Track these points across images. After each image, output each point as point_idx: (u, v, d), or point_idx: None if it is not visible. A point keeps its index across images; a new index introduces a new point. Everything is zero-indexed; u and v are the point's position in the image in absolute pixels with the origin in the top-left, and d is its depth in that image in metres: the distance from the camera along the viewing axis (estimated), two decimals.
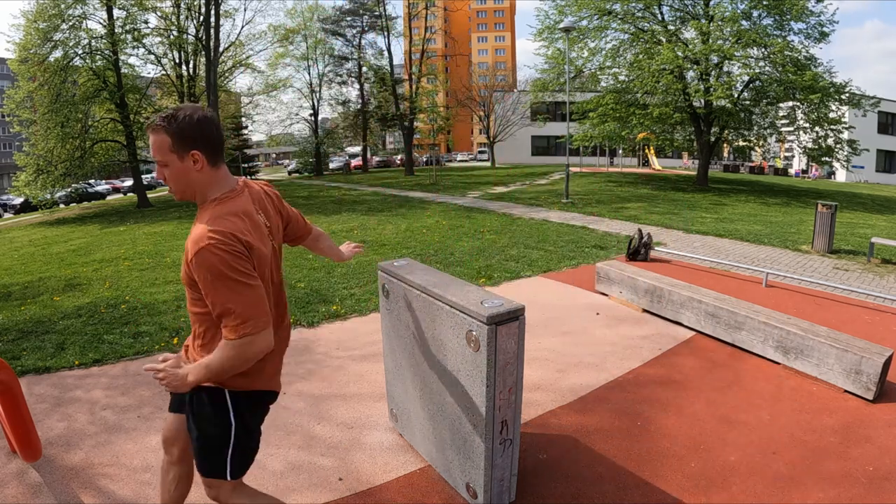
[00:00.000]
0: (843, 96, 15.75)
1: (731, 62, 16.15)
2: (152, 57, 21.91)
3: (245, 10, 39.13)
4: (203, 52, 20.53)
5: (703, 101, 16.47)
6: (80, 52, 18.98)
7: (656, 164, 31.29)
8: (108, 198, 30.95)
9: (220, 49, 21.16)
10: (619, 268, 5.11)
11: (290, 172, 40.12)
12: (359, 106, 34.11)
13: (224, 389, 1.54)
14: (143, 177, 23.02)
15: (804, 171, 36.44)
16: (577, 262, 6.64)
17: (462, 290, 2.13)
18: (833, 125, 16.32)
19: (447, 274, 2.39)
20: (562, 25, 15.60)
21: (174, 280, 6.40)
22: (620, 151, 30.25)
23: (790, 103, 17.07)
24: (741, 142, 19.36)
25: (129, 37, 19.93)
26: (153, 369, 1.46)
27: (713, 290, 4.51)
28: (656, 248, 7.25)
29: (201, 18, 20.44)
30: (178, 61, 23.08)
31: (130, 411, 3.06)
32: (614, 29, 18.01)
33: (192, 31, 21.95)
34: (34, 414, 2.79)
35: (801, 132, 17.08)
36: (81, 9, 18.49)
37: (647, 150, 31.63)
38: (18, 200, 26.23)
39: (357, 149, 39.71)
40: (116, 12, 19.34)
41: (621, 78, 18.41)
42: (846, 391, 3.16)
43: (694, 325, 4.21)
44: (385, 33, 30.43)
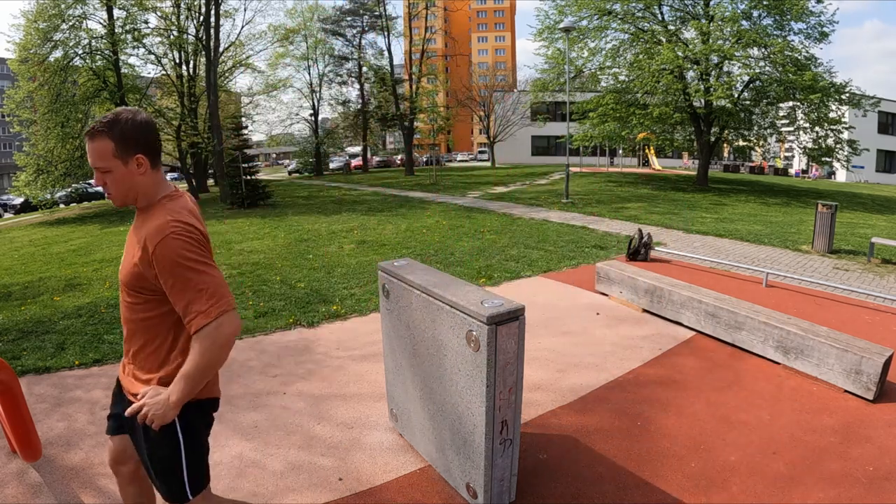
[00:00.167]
0: (843, 96, 15.74)
1: (732, 62, 16.15)
2: (152, 57, 21.91)
3: (245, 10, 39.14)
4: (203, 52, 20.51)
5: (703, 101, 16.46)
6: (80, 52, 18.99)
7: (656, 164, 31.28)
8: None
9: (220, 49, 21.13)
10: (619, 268, 5.11)
11: (290, 172, 40.09)
12: (359, 106, 34.10)
13: None
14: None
15: (804, 171, 36.43)
16: (577, 262, 6.65)
17: (462, 290, 2.13)
18: (833, 125, 16.31)
19: (447, 274, 2.40)
20: (562, 25, 15.60)
21: None
22: (620, 151, 30.26)
23: (790, 103, 17.06)
24: (741, 142, 19.35)
25: (129, 37, 19.94)
26: (134, 412, 1.40)
27: (713, 290, 4.51)
28: (656, 248, 7.25)
29: (201, 18, 20.42)
30: (178, 61, 23.08)
31: None
32: (614, 29, 18.02)
33: (192, 31, 21.93)
34: (34, 414, 2.79)
35: (801, 132, 17.07)
36: (81, 9, 18.50)
37: (647, 150, 31.62)
38: (18, 200, 26.20)
39: (357, 149, 39.70)
40: (116, 12, 19.36)
41: (621, 78, 18.41)
42: (846, 391, 3.16)
43: (694, 325, 4.21)
44: (385, 33, 30.46)
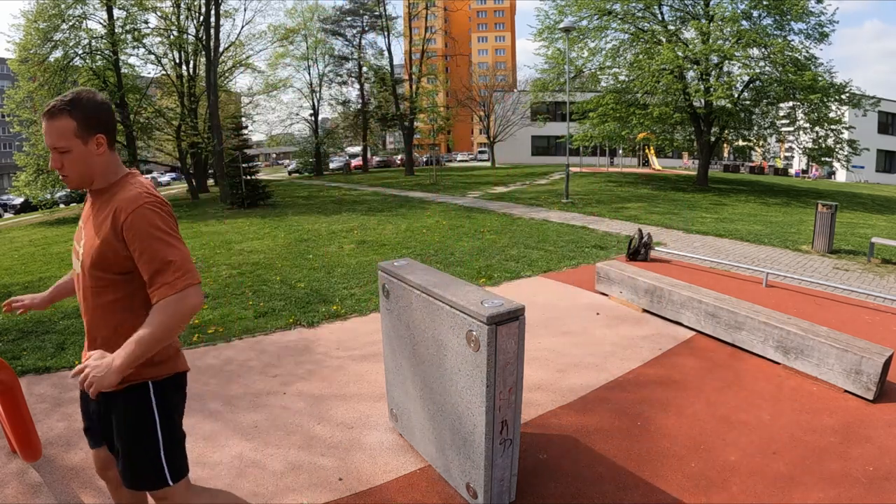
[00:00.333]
0: (843, 96, 15.74)
1: (732, 62, 16.14)
2: (152, 57, 21.91)
3: (245, 10, 39.19)
4: (203, 52, 20.51)
5: (703, 101, 16.46)
6: (80, 52, 18.99)
7: (656, 164, 31.27)
8: None
9: (220, 49, 21.14)
10: (619, 268, 5.11)
11: (290, 172, 40.09)
12: (359, 106, 34.10)
13: (147, 382, 1.49)
14: (143, 177, 22.96)
15: (804, 171, 36.43)
16: (577, 262, 6.64)
17: (462, 290, 2.13)
18: (833, 125, 16.31)
19: (447, 274, 2.39)
20: (562, 25, 15.60)
21: None
22: (620, 151, 30.24)
23: (790, 103, 17.05)
24: (741, 142, 19.35)
25: (129, 37, 19.93)
26: (76, 373, 1.29)
27: (713, 290, 4.51)
28: (656, 248, 7.25)
29: (201, 18, 20.42)
30: (178, 61, 23.07)
31: None
32: (614, 29, 18.02)
33: (192, 31, 21.93)
34: (34, 414, 2.79)
35: (801, 132, 17.07)
36: (81, 9, 18.49)
37: (647, 150, 31.61)
38: (18, 200, 26.23)
39: (357, 149, 39.68)
40: (116, 12, 19.35)
41: (621, 78, 18.40)
42: (846, 391, 3.16)
43: (694, 325, 4.21)
44: (385, 33, 30.46)
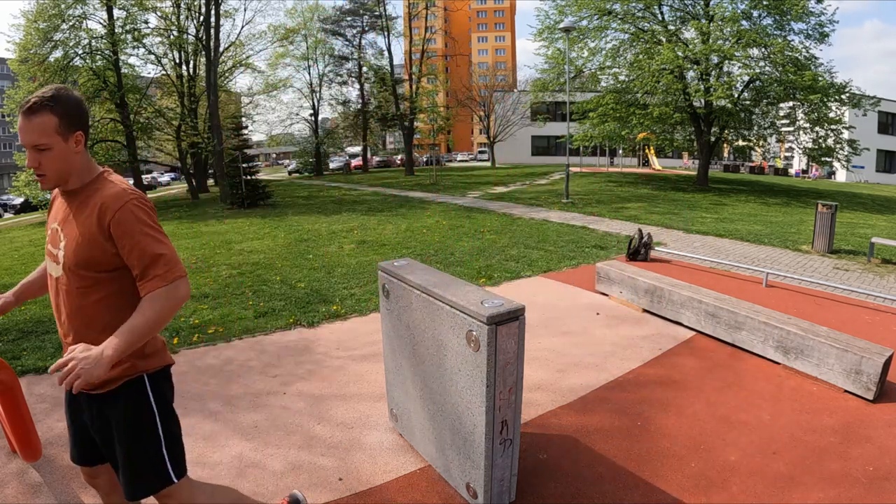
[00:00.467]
0: (843, 96, 15.74)
1: (732, 62, 16.14)
2: (152, 57, 21.92)
3: (245, 10, 39.16)
4: (203, 52, 20.51)
5: (703, 101, 16.46)
6: (80, 52, 18.99)
7: (656, 164, 31.27)
8: None
9: (220, 49, 21.14)
10: (620, 268, 5.11)
11: (290, 172, 40.09)
12: (359, 106, 34.10)
13: (142, 375, 1.51)
14: (143, 177, 22.99)
15: (804, 171, 36.44)
16: (578, 262, 6.64)
17: (462, 290, 2.13)
18: (833, 125, 16.31)
19: (447, 274, 2.39)
20: (562, 25, 15.60)
21: None
22: (620, 151, 30.24)
23: (790, 103, 17.06)
24: (741, 142, 19.35)
25: (129, 37, 19.94)
26: (59, 367, 1.23)
27: (713, 290, 4.51)
28: (656, 248, 7.25)
29: (201, 18, 20.42)
30: (178, 61, 23.08)
31: None
32: (614, 29, 18.02)
33: (192, 31, 21.94)
34: (34, 414, 2.79)
35: (801, 132, 17.08)
36: (81, 9, 18.49)
37: (647, 150, 31.61)
38: (18, 200, 26.24)
39: (357, 149, 39.68)
40: (116, 12, 19.35)
41: (621, 78, 18.40)
42: (846, 391, 3.16)
43: (694, 325, 4.21)
44: (385, 33, 30.45)
